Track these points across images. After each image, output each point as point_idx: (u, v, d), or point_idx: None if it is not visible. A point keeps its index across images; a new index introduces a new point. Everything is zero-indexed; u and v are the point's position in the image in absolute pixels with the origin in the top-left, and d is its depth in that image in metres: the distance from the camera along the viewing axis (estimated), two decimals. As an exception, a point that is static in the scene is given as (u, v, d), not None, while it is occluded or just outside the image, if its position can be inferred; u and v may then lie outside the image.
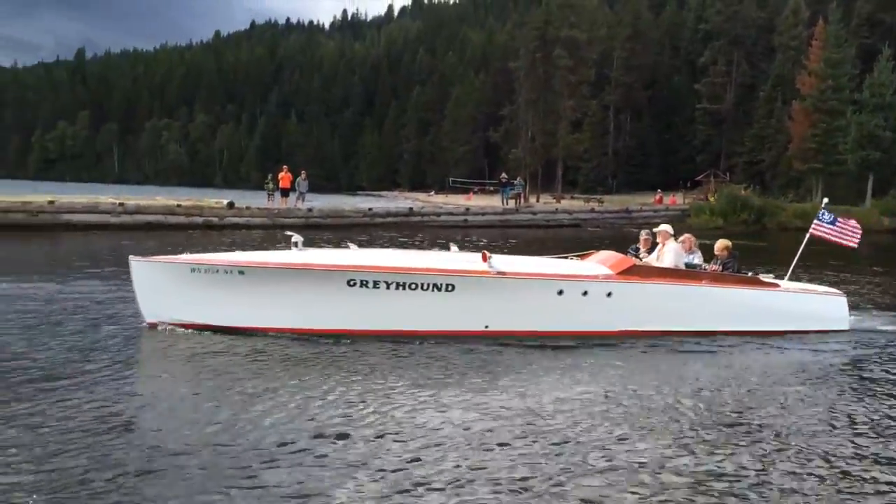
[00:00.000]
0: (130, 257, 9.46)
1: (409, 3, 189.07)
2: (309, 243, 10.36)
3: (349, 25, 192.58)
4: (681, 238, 11.38)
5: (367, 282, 9.25)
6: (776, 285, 11.26)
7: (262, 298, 9.20)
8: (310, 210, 32.64)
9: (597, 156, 73.16)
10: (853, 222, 12.00)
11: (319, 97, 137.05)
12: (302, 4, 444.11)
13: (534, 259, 11.46)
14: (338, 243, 24.04)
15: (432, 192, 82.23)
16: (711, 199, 47.80)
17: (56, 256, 18.73)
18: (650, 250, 11.36)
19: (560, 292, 9.85)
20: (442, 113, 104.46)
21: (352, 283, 9.25)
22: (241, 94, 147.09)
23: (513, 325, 9.80)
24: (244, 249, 20.99)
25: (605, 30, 70.24)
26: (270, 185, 37.87)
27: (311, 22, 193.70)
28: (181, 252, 10.40)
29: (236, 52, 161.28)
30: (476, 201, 51.79)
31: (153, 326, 9.30)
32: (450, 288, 9.44)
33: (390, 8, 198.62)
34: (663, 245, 11.00)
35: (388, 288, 9.31)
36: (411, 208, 37.99)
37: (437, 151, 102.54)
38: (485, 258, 9.73)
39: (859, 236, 11.97)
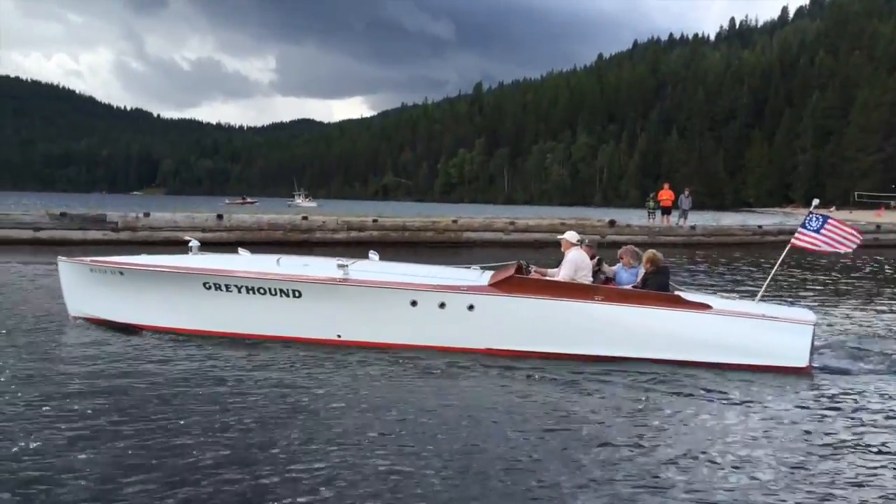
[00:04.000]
0: (58, 258, 10.41)
1: (807, 3, 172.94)
2: (687, 262, 9.74)
3: (737, 34, 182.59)
4: (627, 251, 9.85)
5: (219, 285, 9.41)
6: (706, 307, 9.02)
7: (138, 298, 9.76)
8: (692, 228, 31.42)
9: None
10: (847, 226, 9.53)
11: (703, 111, 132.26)
12: (687, 18, 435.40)
13: (409, 266, 10.46)
14: (716, 263, 22.68)
15: (832, 208, 73.44)
16: None
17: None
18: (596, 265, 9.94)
19: (413, 303, 9.06)
20: (845, 119, 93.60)
21: (207, 285, 9.44)
22: (622, 113, 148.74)
23: (365, 336, 9.21)
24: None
25: None
26: (651, 204, 37.36)
27: (695, 35, 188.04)
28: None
29: (618, 73, 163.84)
30: (889, 218, 44.87)
31: (76, 319, 10.21)
32: (296, 294, 9.25)
33: (784, 10, 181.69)
34: (567, 255, 9.51)
35: (239, 292, 9.37)
36: (808, 226, 34.27)
37: (839, 162, 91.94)
38: (339, 265, 9.35)
39: (853, 240, 9.34)
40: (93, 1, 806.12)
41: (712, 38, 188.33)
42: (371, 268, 9.87)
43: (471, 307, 9.01)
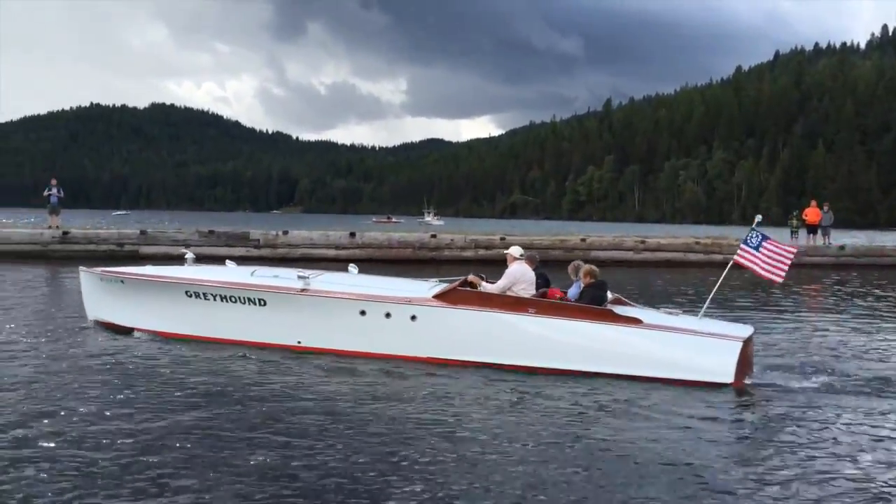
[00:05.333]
0: (80, 268, 11.54)
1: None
2: (833, 285, 9.17)
3: (891, 41, 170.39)
4: (574, 266, 10.12)
5: (198, 293, 10.21)
6: (636, 321, 9.09)
7: (135, 304, 10.68)
8: (841, 248, 29.43)
9: None
10: (785, 247, 9.54)
11: (852, 124, 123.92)
12: (834, 27, 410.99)
13: (374, 279, 10.96)
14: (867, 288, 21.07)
15: None
16: None
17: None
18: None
19: (362, 313, 9.62)
20: None
21: (188, 293, 10.26)
22: (762, 127, 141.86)
23: (322, 343, 9.78)
24: (758, 287, 20.01)
25: None
26: (795, 222, 35.35)
27: (843, 44, 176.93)
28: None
29: (758, 85, 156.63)
30: None
31: (96, 323, 11.22)
32: (262, 303, 9.94)
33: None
34: (509, 268, 9.93)
35: (215, 300, 10.12)
36: (976, 247, 31.28)
37: None
38: (299, 276, 10.02)
39: (785, 266, 9.36)
40: (239, 31, 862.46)
41: (862, 46, 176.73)
42: (334, 279, 10.44)
43: (413, 317, 9.45)
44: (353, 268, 11.36)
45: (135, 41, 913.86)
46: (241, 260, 21.27)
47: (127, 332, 10.68)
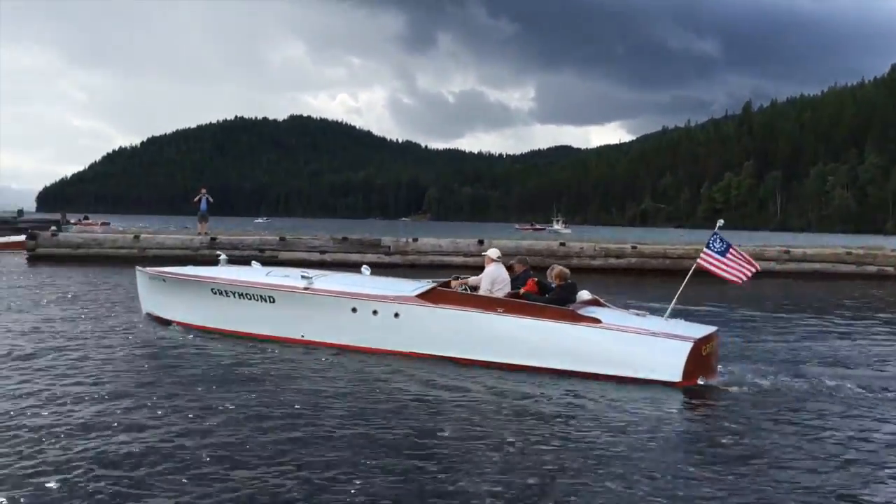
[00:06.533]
0: (136, 267, 12.90)
1: None
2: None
3: None
4: (550, 268, 10.45)
5: (221, 291, 11.19)
6: (596, 321, 9.37)
7: (174, 299, 11.87)
8: None
9: None
10: (748, 258, 9.65)
11: None
12: None
13: (376, 279, 11.43)
14: None
15: None
16: None
17: (701, 296, 19.20)
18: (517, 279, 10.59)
19: (354, 310, 10.32)
20: None
21: (214, 291, 11.26)
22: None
23: (321, 337, 10.53)
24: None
25: None
26: (962, 231, 32.28)
27: None
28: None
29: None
30: None
31: (149, 316, 12.47)
32: (271, 300, 10.84)
33: None
34: (486, 269, 10.45)
35: (235, 297, 11.08)
36: None
37: None
38: (302, 276, 10.88)
39: (748, 273, 9.49)
40: (371, 45, 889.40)
41: None
42: (336, 279, 11.18)
43: (396, 315, 10.10)
44: (365, 269, 12.37)
45: (275, 57, 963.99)
46: (373, 266, 21.78)
47: (168, 323, 11.89)
